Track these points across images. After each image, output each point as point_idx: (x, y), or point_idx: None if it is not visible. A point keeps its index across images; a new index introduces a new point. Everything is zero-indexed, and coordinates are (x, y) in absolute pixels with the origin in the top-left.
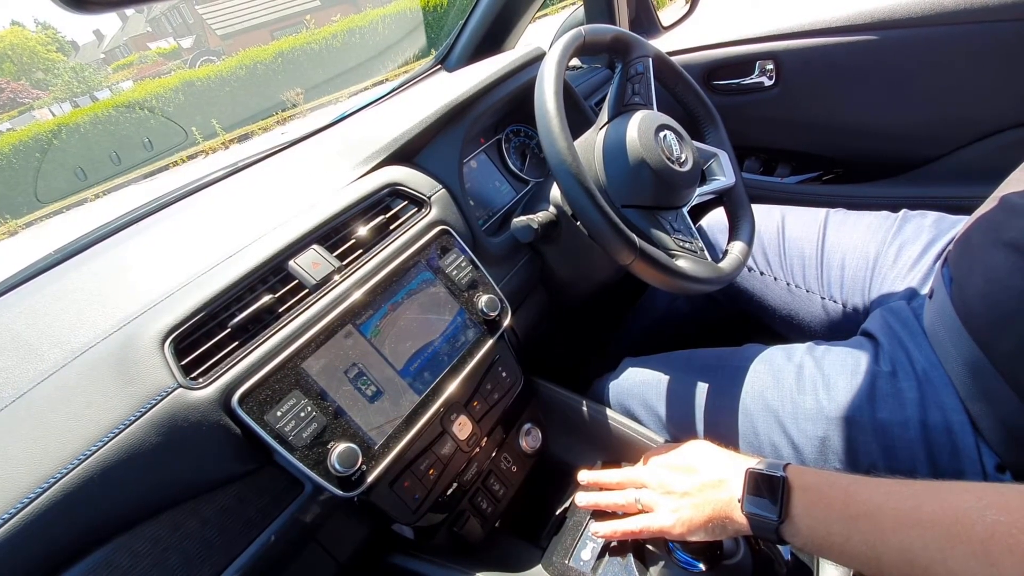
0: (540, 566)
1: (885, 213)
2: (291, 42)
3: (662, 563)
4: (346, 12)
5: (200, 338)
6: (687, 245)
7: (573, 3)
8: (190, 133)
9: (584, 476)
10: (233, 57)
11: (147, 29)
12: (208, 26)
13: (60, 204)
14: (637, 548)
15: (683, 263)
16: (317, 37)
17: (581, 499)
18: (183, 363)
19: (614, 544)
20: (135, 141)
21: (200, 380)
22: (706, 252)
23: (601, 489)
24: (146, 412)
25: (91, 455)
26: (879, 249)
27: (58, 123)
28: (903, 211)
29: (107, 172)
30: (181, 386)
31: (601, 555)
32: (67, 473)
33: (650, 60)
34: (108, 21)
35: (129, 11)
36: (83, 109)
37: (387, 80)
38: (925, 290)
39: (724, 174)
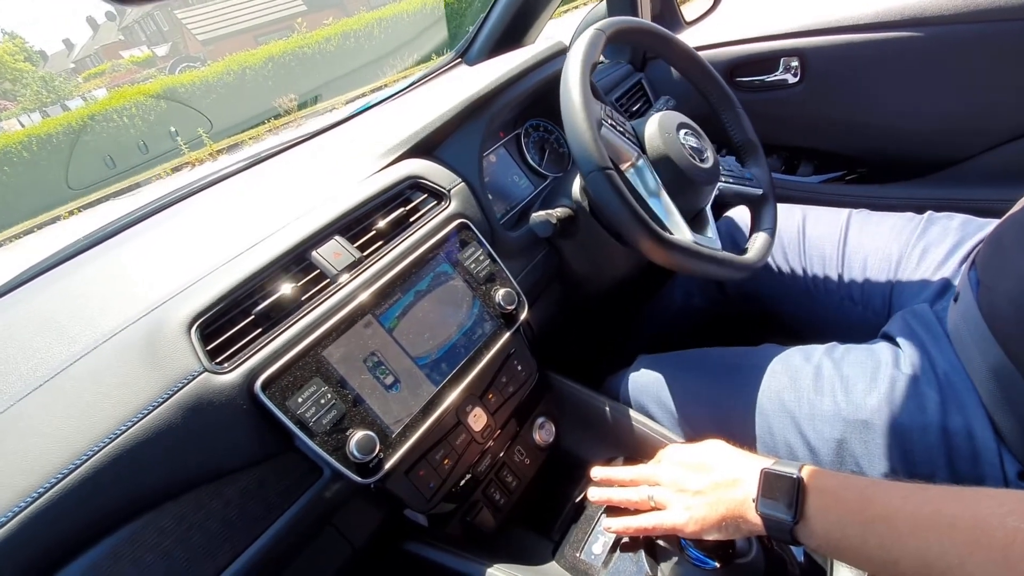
0: (551, 558)
1: (909, 215)
2: (282, 46)
3: (673, 559)
4: (337, 16)
5: (225, 324)
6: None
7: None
8: (152, 148)
9: (598, 472)
10: (219, 62)
11: (119, 37)
12: (188, 31)
13: (31, 223)
14: (649, 544)
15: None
16: (310, 41)
17: (594, 494)
18: (209, 348)
19: (626, 539)
20: (126, 145)
21: (225, 365)
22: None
23: (615, 485)
24: (173, 395)
25: (121, 434)
26: (902, 251)
27: (27, 134)
28: (928, 213)
29: (103, 174)
30: (207, 370)
31: (612, 550)
32: (99, 450)
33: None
34: (78, 30)
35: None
36: (55, 119)
37: (385, 85)
38: (949, 293)
39: (761, 186)
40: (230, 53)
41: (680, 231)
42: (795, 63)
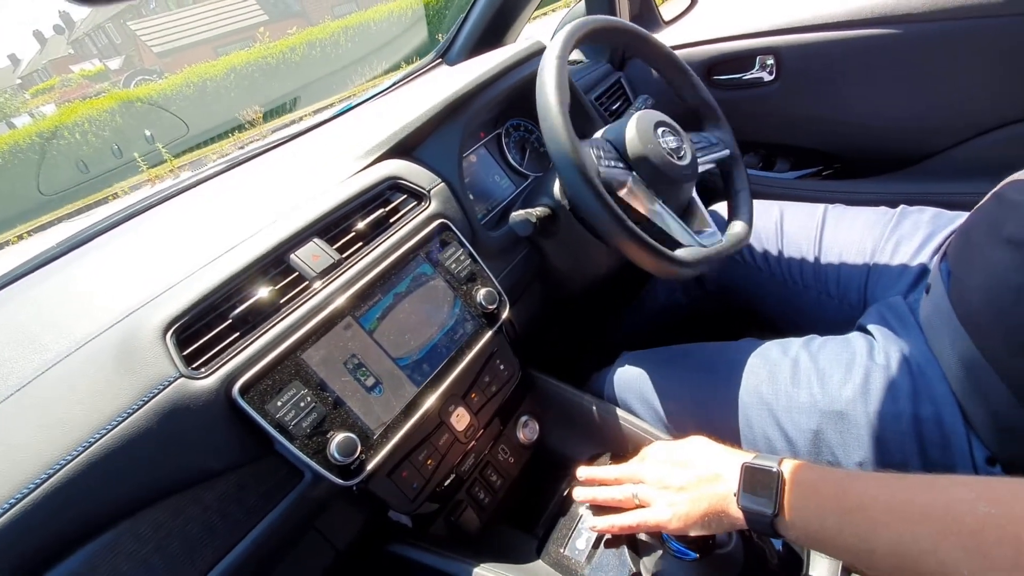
0: (536, 556)
1: (883, 209)
2: (244, 57)
3: (655, 552)
4: (301, 25)
5: (202, 329)
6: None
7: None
8: (126, 154)
9: (583, 472)
10: (178, 74)
11: (69, 51)
12: (143, 43)
13: None
14: (631, 538)
15: (679, 251)
16: (273, 51)
17: (579, 494)
18: (185, 353)
19: (609, 535)
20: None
21: (202, 370)
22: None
23: (599, 484)
24: (148, 401)
25: (95, 442)
26: (876, 244)
27: None
28: (901, 207)
29: (67, 182)
30: (183, 376)
31: (596, 544)
32: (72, 460)
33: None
34: (25, 44)
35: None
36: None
37: (354, 95)
38: (921, 285)
39: (727, 147)
40: (188, 65)
41: (681, 236)
42: (770, 61)
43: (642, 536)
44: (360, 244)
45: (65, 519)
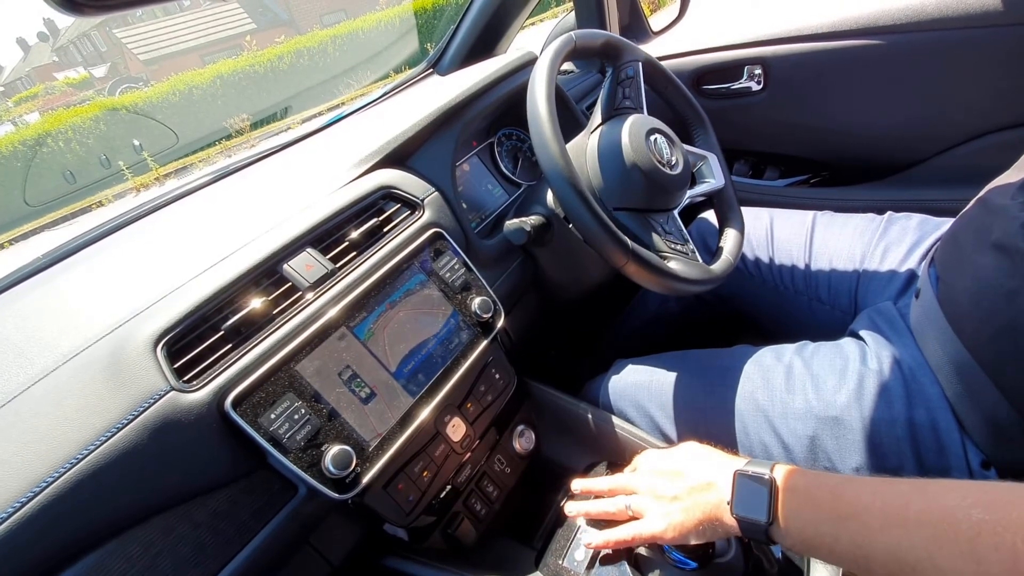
0: (534, 567)
1: (871, 215)
2: (231, 65)
3: (654, 561)
4: (289, 34)
5: (193, 341)
6: (678, 247)
7: (556, 16)
8: (113, 164)
9: (577, 484)
10: (164, 82)
11: (53, 59)
12: (129, 51)
13: None
14: (630, 549)
15: (674, 264)
16: (261, 60)
17: (571, 508)
18: (176, 366)
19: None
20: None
21: (193, 383)
22: (697, 254)
23: (593, 496)
24: (139, 415)
25: (83, 459)
26: (865, 251)
27: None
28: (888, 213)
29: (55, 193)
30: (174, 389)
31: (595, 555)
32: (59, 477)
33: (640, 64)
34: (7, 52)
35: (121, 14)
36: None
37: (343, 103)
38: (910, 290)
39: (713, 176)
40: (175, 73)
41: (654, 246)
42: (758, 71)
43: (641, 550)
44: (354, 254)
45: (51, 540)
